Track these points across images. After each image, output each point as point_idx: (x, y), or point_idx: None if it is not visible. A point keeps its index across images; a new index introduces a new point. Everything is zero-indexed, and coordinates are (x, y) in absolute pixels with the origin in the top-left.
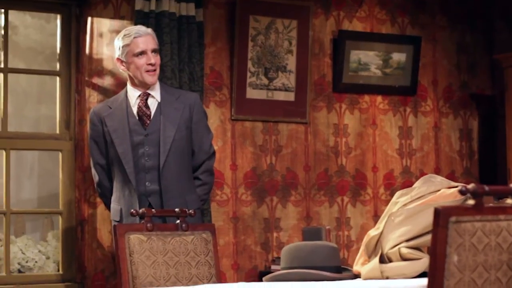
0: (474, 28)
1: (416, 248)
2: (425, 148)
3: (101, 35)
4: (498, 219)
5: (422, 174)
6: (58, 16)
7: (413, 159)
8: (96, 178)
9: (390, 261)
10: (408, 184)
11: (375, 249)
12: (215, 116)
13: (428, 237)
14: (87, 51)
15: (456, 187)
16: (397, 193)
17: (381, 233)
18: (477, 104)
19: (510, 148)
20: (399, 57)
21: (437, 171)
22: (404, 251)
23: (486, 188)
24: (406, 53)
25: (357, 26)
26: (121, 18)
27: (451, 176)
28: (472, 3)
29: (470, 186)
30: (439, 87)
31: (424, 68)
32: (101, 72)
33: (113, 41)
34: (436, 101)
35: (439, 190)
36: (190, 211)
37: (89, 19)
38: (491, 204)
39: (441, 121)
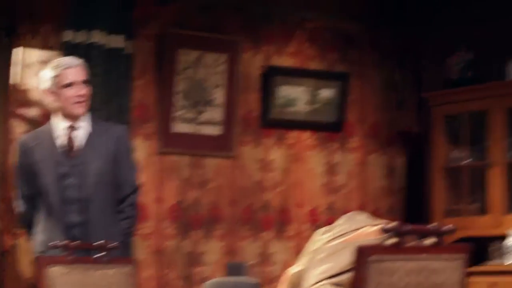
0: (403, 66)
1: (339, 285)
2: (350, 185)
3: (29, 65)
4: (419, 258)
5: (347, 210)
6: None
7: (338, 195)
8: (20, 208)
9: None
10: (333, 220)
11: (298, 286)
12: (142, 149)
13: (350, 275)
14: (14, 81)
15: (379, 225)
16: (320, 230)
17: (304, 269)
18: (404, 142)
19: (435, 186)
20: (327, 93)
21: (362, 208)
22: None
23: (408, 227)
24: (334, 89)
25: (286, 61)
26: (50, 48)
27: (376, 213)
28: (401, 41)
29: (392, 224)
30: (366, 124)
31: (352, 104)
32: (28, 102)
33: (41, 71)
34: (363, 138)
35: (362, 228)
36: (114, 244)
37: (18, 49)
38: (413, 243)
39: (368, 157)
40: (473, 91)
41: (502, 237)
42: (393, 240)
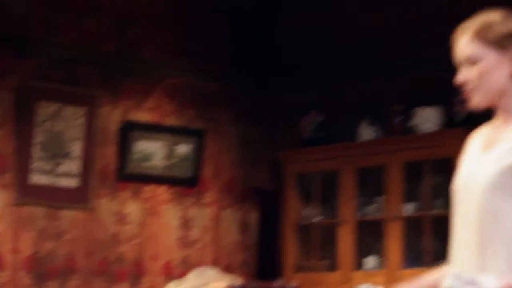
0: (258, 124)
1: None
2: (205, 239)
3: None
4: None
5: (202, 264)
6: None
7: (193, 249)
8: None
9: None
10: (187, 274)
11: None
12: None
13: None
14: None
15: (227, 281)
16: (171, 284)
17: None
18: (258, 198)
19: (286, 242)
20: (183, 148)
21: (216, 262)
22: None
23: (253, 284)
24: (190, 145)
25: (144, 116)
26: None
27: (229, 268)
28: (257, 100)
29: (238, 282)
30: (222, 180)
31: (207, 160)
32: None
33: None
34: (218, 193)
35: (211, 283)
36: None
37: None
38: None
39: (222, 213)
40: (325, 151)
41: None
42: None
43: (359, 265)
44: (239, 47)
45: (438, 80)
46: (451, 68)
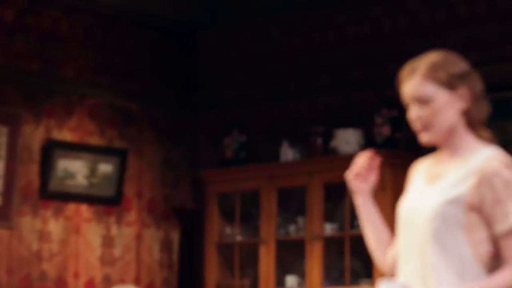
0: (180, 143)
1: None
2: (126, 258)
3: None
4: None
5: (123, 282)
6: None
7: (114, 267)
8: None
9: None
10: None
11: None
12: None
13: None
14: None
15: None
16: None
17: None
18: (179, 217)
19: (208, 260)
20: (105, 168)
21: (138, 281)
22: None
23: None
24: (112, 164)
25: (67, 136)
26: None
27: (150, 286)
28: (179, 121)
29: None
30: (143, 199)
31: (129, 180)
32: None
33: None
34: (139, 213)
35: None
36: None
37: None
38: None
39: (144, 232)
40: (246, 171)
41: None
42: None
43: (280, 284)
44: (161, 67)
45: (358, 101)
46: (371, 90)
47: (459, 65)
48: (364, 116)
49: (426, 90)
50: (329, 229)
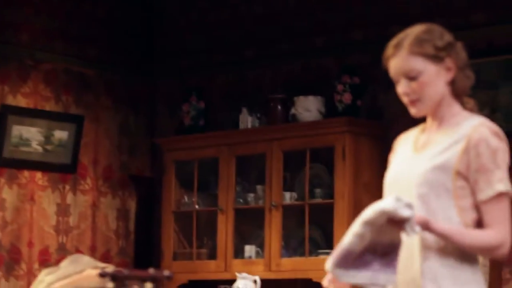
0: (137, 110)
1: None
2: (82, 226)
3: None
4: None
5: (79, 251)
6: None
7: (69, 236)
8: None
9: None
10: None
11: None
12: None
13: None
14: None
15: (100, 268)
16: (44, 271)
17: None
18: (136, 186)
19: (165, 229)
20: (61, 134)
21: (93, 250)
22: None
23: (125, 272)
24: (68, 131)
25: (21, 101)
26: None
27: (106, 255)
28: (136, 87)
29: (109, 269)
30: (99, 167)
31: (85, 147)
32: None
33: None
34: (95, 180)
35: (85, 271)
36: None
37: None
38: (136, 287)
39: (100, 200)
40: (205, 139)
41: (231, 281)
42: (111, 285)
43: (238, 254)
44: (118, 32)
45: (319, 68)
46: (332, 57)
47: (444, 37)
48: (325, 84)
49: (413, 64)
50: (288, 198)
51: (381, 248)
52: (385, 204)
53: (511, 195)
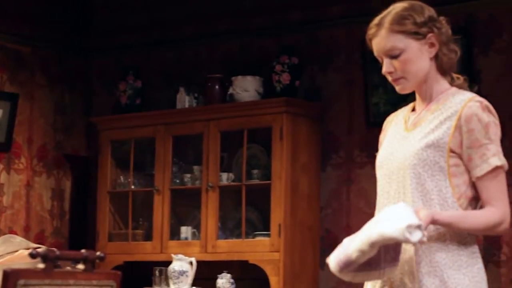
0: (73, 89)
1: None
2: (16, 206)
3: None
4: (67, 283)
5: (12, 231)
6: None
7: (3, 216)
8: None
9: None
10: None
11: None
12: None
13: None
14: None
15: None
16: None
17: None
18: (72, 165)
19: (100, 210)
20: None
21: (27, 230)
22: None
23: (57, 252)
24: (2, 109)
25: None
26: None
27: (40, 236)
28: (72, 66)
29: (41, 250)
30: (34, 146)
31: (20, 125)
32: None
33: None
34: (30, 159)
35: (17, 251)
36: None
37: None
38: (68, 268)
39: (34, 179)
40: (141, 118)
41: (167, 262)
42: (42, 265)
43: (174, 235)
44: (53, 9)
45: (258, 49)
46: (271, 37)
47: (424, 12)
48: (264, 64)
49: (394, 43)
50: (225, 178)
51: (385, 249)
52: (395, 233)
53: (506, 169)
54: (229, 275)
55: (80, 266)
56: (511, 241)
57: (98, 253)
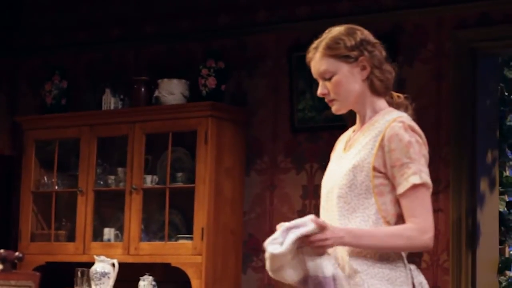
0: None
1: None
2: None
3: None
4: None
5: None
6: None
7: None
8: None
9: None
10: None
11: None
12: None
13: None
14: None
15: None
16: None
17: None
18: None
19: (23, 210)
20: None
21: None
22: None
23: None
24: None
25: None
26: None
27: None
28: None
29: None
30: None
31: None
32: None
33: None
34: None
35: None
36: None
37: None
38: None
39: None
40: (66, 119)
41: (89, 264)
42: None
43: (97, 236)
44: None
45: (184, 52)
46: (197, 41)
47: (356, 36)
48: (190, 67)
49: (326, 66)
50: (149, 181)
51: (312, 281)
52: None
53: (430, 186)
54: (151, 277)
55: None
56: (431, 249)
57: (17, 253)
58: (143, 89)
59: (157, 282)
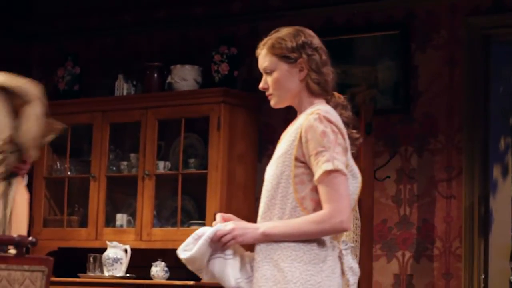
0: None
1: None
2: None
3: None
4: None
5: None
6: None
7: None
8: None
9: None
10: None
11: None
12: None
13: None
14: None
15: None
16: None
17: None
18: None
19: (36, 196)
20: None
21: None
22: None
23: None
24: None
25: None
26: None
27: None
28: (10, 50)
29: None
30: None
31: None
32: None
33: None
34: None
35: None
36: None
37: None
38: (0, 252)
39: None
40: (79, 104)
41: (101, 249)
42: None
43: (109, 222)
44: None
45: (197, 38)
46: (210, 27)
47: (299, 39)
48: (203, 53)
49: (269, 63)
50: (162, 167)
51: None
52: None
53: (344, 173)
54: (163, 263)
55: (12, 251)
56: (444, 235)
57: (30, 238)
58: (155, 75)
59: (169, 268)
